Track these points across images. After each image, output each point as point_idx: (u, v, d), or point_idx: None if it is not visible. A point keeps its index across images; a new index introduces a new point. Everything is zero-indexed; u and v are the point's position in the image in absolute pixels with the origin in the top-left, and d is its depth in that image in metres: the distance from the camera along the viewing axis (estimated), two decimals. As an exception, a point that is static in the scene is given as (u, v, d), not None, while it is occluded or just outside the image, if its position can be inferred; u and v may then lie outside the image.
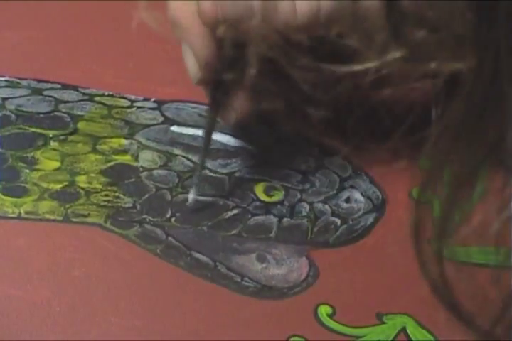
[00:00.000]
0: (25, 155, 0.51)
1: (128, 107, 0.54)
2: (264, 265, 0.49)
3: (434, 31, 0.35)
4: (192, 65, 0.45)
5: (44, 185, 0.50)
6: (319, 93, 0.40)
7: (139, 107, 0.54)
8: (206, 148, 0.50)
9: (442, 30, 0.35)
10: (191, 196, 0.50)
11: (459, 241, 0.35)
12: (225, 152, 0.52)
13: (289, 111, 0.44)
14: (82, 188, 0.51)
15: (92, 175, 0.51)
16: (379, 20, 0.36)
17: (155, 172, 0.52)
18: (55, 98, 0.54)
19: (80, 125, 0.53)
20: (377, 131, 0.41)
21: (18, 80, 0.54)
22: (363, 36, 0.40)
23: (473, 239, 0.34)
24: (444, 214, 0.34)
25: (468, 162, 0.33)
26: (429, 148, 0.34)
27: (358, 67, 0.37)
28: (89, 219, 0.50)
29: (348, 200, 0.52)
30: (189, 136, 0.53)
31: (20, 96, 0.54)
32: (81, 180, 0.51)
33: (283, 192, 0.51)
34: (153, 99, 0.55)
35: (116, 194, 0.51)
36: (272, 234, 0.50)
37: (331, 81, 0.38)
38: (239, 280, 0.48)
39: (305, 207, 0.51)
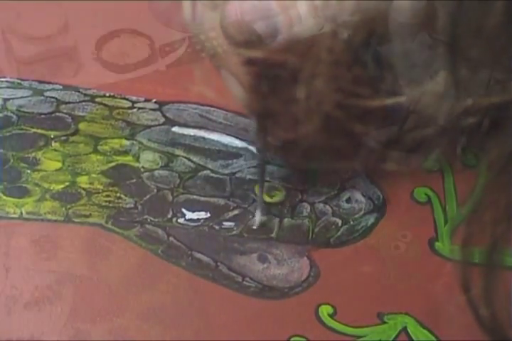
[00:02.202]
0: (26, 155, 0.51)
1: (129, 108, 0.54)
2: (265, 265, 0.49)
3: (477, 69, 0.34)
4: (238, 92, 0.43)
5: (45, 185, 0.50)
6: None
7: (140, 108, 0.54)
8: (262, 178, 0.49)
9: (485, 68, 0.34)
10: (257, 220, 0.50)
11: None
12: (227, 153, 0.52)
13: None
14: (84, 189, 0.51)
15: (94, 175, 0.51)
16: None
17: (156, 172, 0.52)
18: (56, 99, 0.54)
19: (81, 126, 0.53)
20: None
21: (19, 81, 0.55)
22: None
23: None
24: (488, 254, 0.33)
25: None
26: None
27: (390, 101, 0.36)
28: (90, 220, 0.50)
29: (348, 200, 0.52)
30: (190, 136, 0.53)
31: (22, 97, 0.54)
32: (82, 181, 0.51)
33: (284, 193, 0.52)
34: (154, 100, 0.55)
35: (118, 194, 0.51)
36: (273, 234, 0.50)
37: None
38: (240, 280, 0.48)
39: (306, 208, 0.51)
